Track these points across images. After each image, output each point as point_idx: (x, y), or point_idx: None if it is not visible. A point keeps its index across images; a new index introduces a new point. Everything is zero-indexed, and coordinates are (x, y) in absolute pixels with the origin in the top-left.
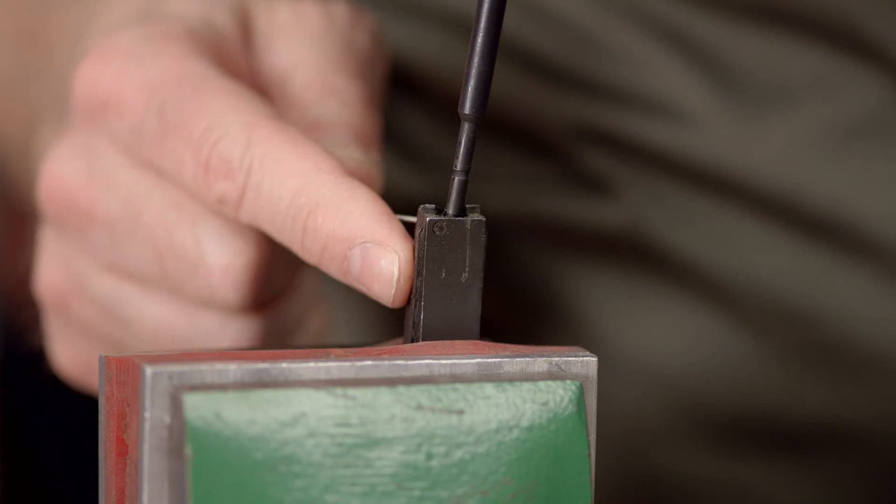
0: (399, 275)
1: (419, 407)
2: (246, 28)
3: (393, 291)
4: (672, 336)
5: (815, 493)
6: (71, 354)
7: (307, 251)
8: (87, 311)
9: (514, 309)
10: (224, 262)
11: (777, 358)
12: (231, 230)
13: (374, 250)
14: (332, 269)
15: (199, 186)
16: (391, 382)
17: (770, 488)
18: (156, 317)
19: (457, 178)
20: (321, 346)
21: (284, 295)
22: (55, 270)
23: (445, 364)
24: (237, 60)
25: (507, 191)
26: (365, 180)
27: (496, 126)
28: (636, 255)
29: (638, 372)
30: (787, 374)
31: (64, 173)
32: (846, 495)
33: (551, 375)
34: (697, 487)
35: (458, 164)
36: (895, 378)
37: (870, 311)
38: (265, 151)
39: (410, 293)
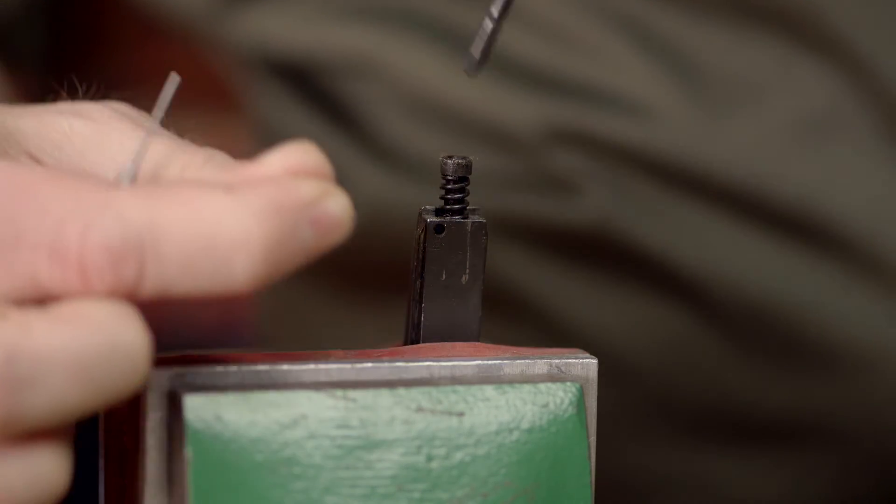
0: None
1: (419, 409)
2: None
3: None
4: (641, 331)
5: (785, 484)
6: None
7: None
8: None
9: (484, 307)
10: None
11: (745, 351)
12: None
13: None
14: None
15: None
16: (391, 384)
17: (741, 480)
18: None
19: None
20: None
21: None
22: None
23: (445, 366)
24: None
25: (476, 191)
26: None
27: (464, 125)
28: (605, 251)
29: (607, 367)
30: (754, 368)
31: None
32: (816, 486)
33: (551, 377)
34: (668, 481)
35: (495, 12)
36: (862, 369)
37: (836, 304)
38: None
39: (411, 294)
